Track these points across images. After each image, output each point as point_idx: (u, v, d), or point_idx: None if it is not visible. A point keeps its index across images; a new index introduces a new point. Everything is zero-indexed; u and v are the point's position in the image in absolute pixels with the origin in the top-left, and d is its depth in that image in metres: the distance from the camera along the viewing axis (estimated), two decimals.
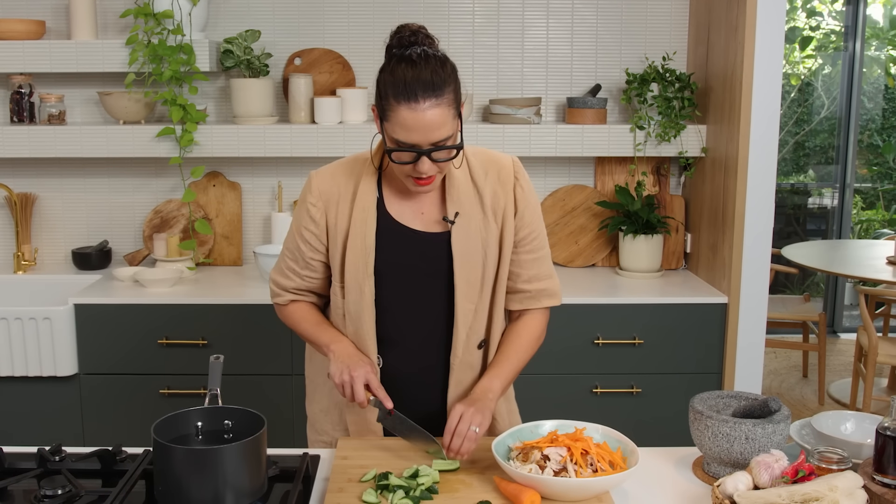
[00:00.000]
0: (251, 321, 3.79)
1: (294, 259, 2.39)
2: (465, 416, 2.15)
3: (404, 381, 2.37)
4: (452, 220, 2.27)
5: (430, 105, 2.06)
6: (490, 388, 2.27)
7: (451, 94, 2.10)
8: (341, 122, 4.12)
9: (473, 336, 2.35)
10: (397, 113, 2.07)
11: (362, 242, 2.27)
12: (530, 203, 2.35)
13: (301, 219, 2.35)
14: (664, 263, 4.35)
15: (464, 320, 2.31)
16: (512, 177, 2.33)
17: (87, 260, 4.28)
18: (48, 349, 3.72)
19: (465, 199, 2.29)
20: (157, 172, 4.37)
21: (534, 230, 2.37)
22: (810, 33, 7.97)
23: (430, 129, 2.07)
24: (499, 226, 2.31)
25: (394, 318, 2.34)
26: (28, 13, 4.22)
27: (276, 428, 2.52)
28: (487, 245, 2.30)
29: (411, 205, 2.32)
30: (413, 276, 2.31)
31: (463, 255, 2.27)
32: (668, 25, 4.33)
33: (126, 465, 2.14)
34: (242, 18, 4.26)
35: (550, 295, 2.42)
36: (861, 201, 8.29)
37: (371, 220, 2.28)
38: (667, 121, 4.10)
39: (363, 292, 2.29)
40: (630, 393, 3.89)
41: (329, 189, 2.32)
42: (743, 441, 2.05)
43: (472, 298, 2.30)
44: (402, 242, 2.30)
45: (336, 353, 2.27)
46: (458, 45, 4.30)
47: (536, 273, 2.39)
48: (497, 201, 2.31)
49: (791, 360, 6.94)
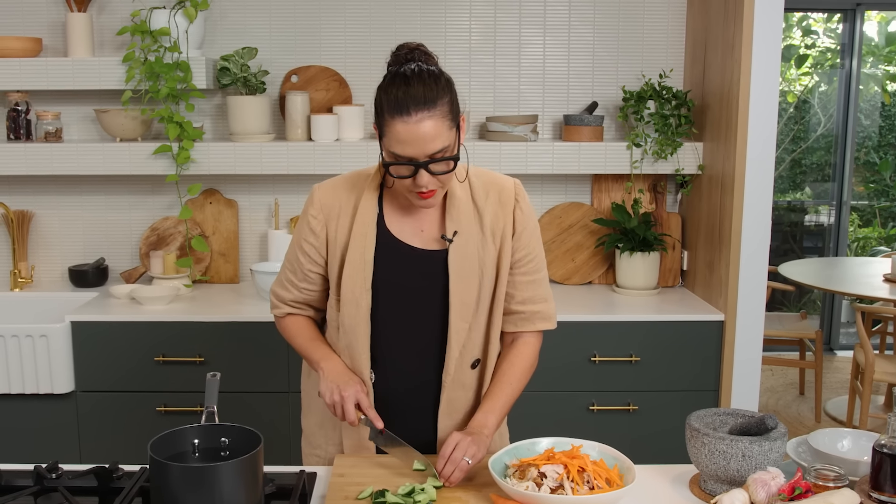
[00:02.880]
0: (248, 338, 3.78)
1: (293, 271, 2.41)
2: (460, 444, 2.16)
3: (396, 398, 2.37)
4: (451, 239, 2.28)
5: (423, 117, 2.08)
6: (485, 423, 2.27)
7: (444, 106, 2.12)
8: (338, 139, 4.13)
9: (467, 355, 2.35)
10: (392, 127, 2.10)
11: (361, 257, 2.28)
12: (528, 226, 2.36)
13: (302, 231, 2.37)
14: (661, 281, 4.36)
15: (457, 338, 2.31)
16: (513, 199, 2.35)
17: (83, 277, 4.28)
18: (45, 367, 3.71)
19: (464, 219, 2.30)
20: (154, 190, 4.37)
21: (530, 252, 2.37)
22: (806, 51, 8.00)
23: (425, 141, 2.09)
24: (497, 247, 2.32)
25: (388, 334, 2.34)
26: (25, 31, 4.23)
27: (272, 445, 2.52)
28: (485, 265, 2.31)
29: (411, 222, 2.33)
30: (409, 292, 2.32)
31: (459, 274, 2.28)
32: (664, 43, 4.34)
33: (123, 482, 2.13)
34: (239, 36, 4.27)
35: (545, 318, 2.42)
36: (858, 219, 8.31)
37: (371, 235, 2.29)
38: (663, 138, 4.10)
39: (359, 306, 2.29)
40: (627, 410, 3.89)
41: (330, 202, 2.34)
42: (739, 458, 2.05)
43: (466, 317, 2.30)
44: (400, 259, 2.31)
45: (326, 372, 2.29)
46: (454, 62, 4.31)
47: (531, 295, 2.39)
48: (497, 222, 2.33)
49: (788, 377, 6.94)
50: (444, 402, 2.36)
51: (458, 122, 2.19)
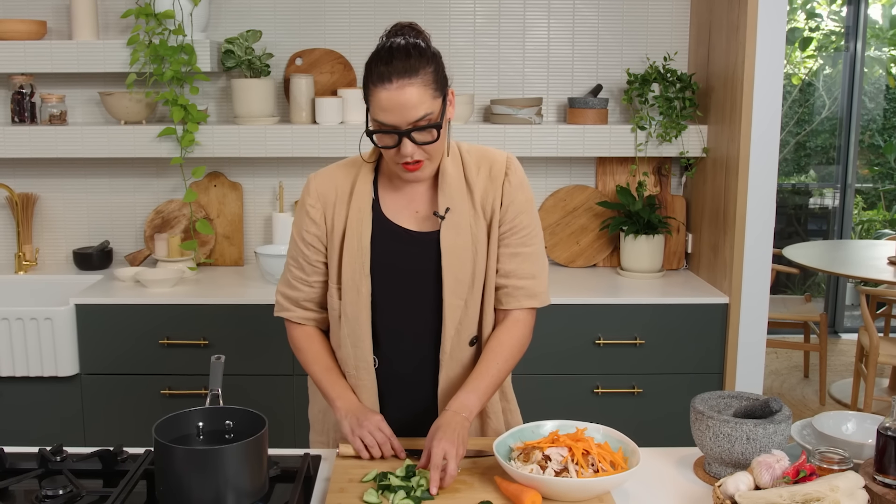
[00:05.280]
0: (252, 321, 3.79)
1: (300, 267, 2.39)
2: (437, 452, 2.07)
3: (398, 380, 2.38)
4: (443, 216, 2.28)
5: (404, 84, 2.10)
6: (466, 404, 2.22)
7: (428, 75, 2.13)
8: (342, 122, 4.12)
9: (464, 332, 2.34)
10: (374, 96, 2.13)
11: (358, 243, 2.28)
12: (516, 199, 2.33)
13: (302, 222, 2.37)
14: (665, 264, 4.35)
15: (451, 316, 2.30)
16: (503, 173, 2.33)
17: (88, 260, 4.29)
18: (49, 349, 3.72)
19: (456, 195, 2.30)
20: (159, 173, 4.37)
21: (516, 226, 2.33)
22: (810, 34, 7.98)
23: (406, 108, 2.10)
24: (487, 221, 2.32)
25: (387, 317, 2.34)
26: (29, 13, 4.22)
27: (277, 428, 2.53)
28: (477, 241, 2.30)
29: (406, 203, 2.34)
30: (405, 274, 2.32)
31: (452, 252, 2.28)
32: (669, 26, 4.33)
33: (127, 465, 2.14)
34: (243, 18, 4.26)
35: (530, 295, 2.36)
36: (862, 201, 8.29)
37: (367, 220, 2.30)
38: (668, 121, 4.10)
39: (360, 292, 2.29)
40: (631, 393, 3.89)
41: (326, 191, 2.35)
42: (744, 441, 2.05)
43: (460, 294, 2.29)
44: (396, 242, 2.31)
45: (342, 411, 2.29)
46: (459, 45, 4.30)
47: (514, 269, 2.34)
48: (486, 197, 2.32)
49: (792, 360, 6.94)
50: (442, 380, 2.35)
51: (445, 93, 2.19)
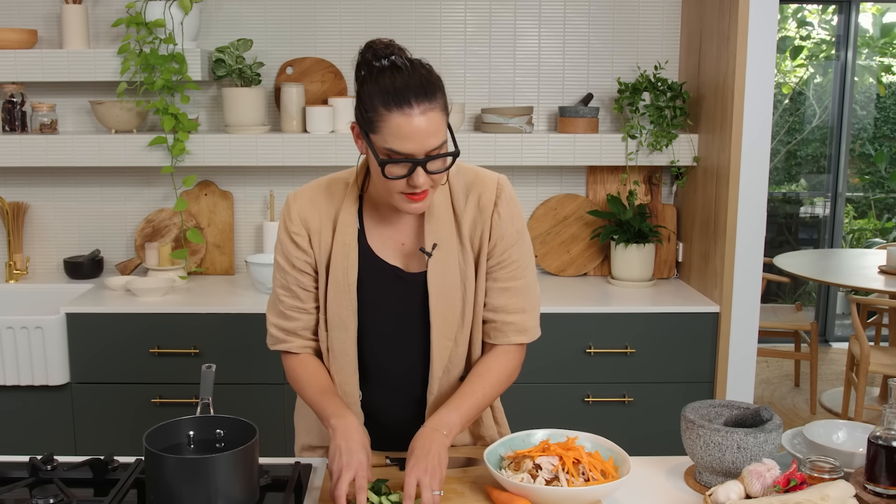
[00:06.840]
0: (243, 330, 3.78)
1: (293, 295, 2.25)
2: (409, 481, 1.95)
3: (384, 414, 2.32)
4: (430, 253, 2.17)
5: (424, 109, 1.94)
6: (446, 421, 2.10)
7: (441, 99, 2.00)
8: (333, 131, 4.12)
9: (454, 370, 2.26)
10: (389, 121, 1.95)
11: (344, 279, 2.18)
12: (506, 232, 2.20)
13: (288, 251, 2.23)
14: (656, 272, 4.36)
15: (439, 357, 2.22)
16: (492, 203, 2.20)
17: (78, 269, 4.28)
18: (40, 358, 3.71)
19: (443, 229, 2.18)
20: (149, 181, 4.36)
21: (505, 259, 2.21)
22: (801, 43, 8.00)
23: (426, 135, 1.95)
24: (475, 254, 2.21)
25: (374, 354, 2.26)
26: (20, 22, 4.22)
27: (267, 437, 2.52)
28: (466, 278, 2.19)
29: (392, 235, 2.22)
30: (394, 311, 2.23)
31: (440, 293, 2.18)
32: (659, 35, 4.34)
33: (118, 474, 2.13)
34: (234, 27, 4.26)
35: (520, 331, 2.25)
36: (853, 210, 8.32)
37: (353, 255, 2.18)
38: (658, 130, 4.10)
39: (347, 330, 2.21)
40: (622, 402, 3.89)
41: (309, 217, 2.21)
42: (735, 450, 2.05)
43: (449, 335, 2.20)
44: (383, 281, 2.21)
45: (337, 431, 2.07)
46: (449, 54, 4.31)
47: (504, 304, 2.23)
48: (475, 229, 2.20)
49: (783, 369, 6.95)
50: (430, 416, 2.21)
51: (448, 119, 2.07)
